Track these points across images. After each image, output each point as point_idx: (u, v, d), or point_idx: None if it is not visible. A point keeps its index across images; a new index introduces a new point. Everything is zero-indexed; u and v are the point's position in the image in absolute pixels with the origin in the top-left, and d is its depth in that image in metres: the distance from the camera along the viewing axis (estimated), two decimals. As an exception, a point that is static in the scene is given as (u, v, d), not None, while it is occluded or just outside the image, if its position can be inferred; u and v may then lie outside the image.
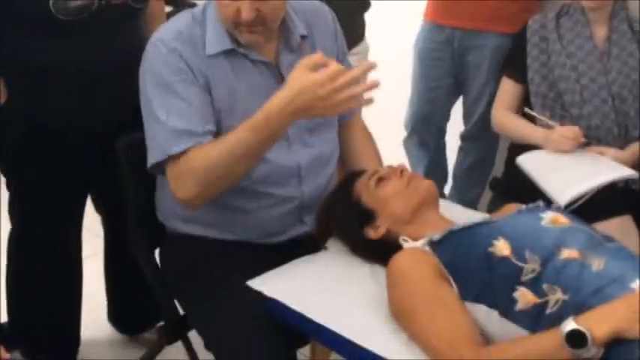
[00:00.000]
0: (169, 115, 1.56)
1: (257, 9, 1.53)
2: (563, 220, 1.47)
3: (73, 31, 1.77)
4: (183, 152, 1.54)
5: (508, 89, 2.31)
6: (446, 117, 2.79)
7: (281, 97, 1.46)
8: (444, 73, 2.64)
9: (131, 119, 1.73)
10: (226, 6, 1.54)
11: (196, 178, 1.54)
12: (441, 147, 2.89)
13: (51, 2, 1.70)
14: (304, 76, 1.43)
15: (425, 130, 2.79)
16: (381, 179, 1.64)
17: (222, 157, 1.52)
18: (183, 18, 1.66)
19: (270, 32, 1.62)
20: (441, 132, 2.83)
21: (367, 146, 1.88)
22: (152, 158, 1.60)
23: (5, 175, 1.98)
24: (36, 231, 2.01)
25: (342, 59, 1.83)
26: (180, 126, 1.55)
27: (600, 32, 2.20)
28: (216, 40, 1.61)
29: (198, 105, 1.58)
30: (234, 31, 1.59)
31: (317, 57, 1.45)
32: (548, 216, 1.48)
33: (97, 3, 1.76)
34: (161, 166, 1.60)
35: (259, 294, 1.54)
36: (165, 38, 1.61)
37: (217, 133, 1.60)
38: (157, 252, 1.84)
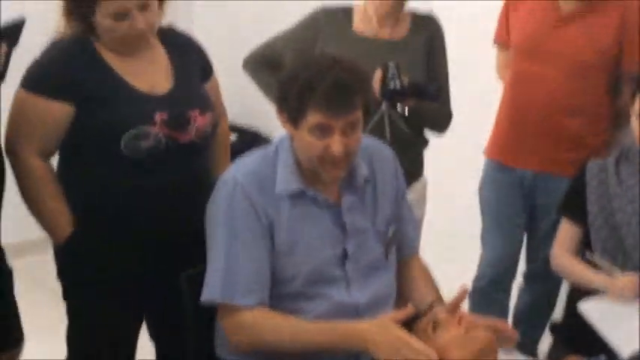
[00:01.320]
0: (233, 261, 1.63)
1: (345, 144, 1.60)
2: (628, 378, 1.42)
3: (141, 168, 1.84)
4: (248, 306, 1.63)
5: (568, 231, 2.29)
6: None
7: (364, 325, 1.58)
8: (519, 213, 2.60)
9: (192, 253, 1.78)
10: (314, 144, 1.61)
11: (258, 340, 1.65)
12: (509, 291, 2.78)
13: (123, 143, 1.80)
14: (392, 325, 1.54)
15: (503, 276, 2.68)
16: (439, 325, 1.62)
17: (286, 337, 1.63)
18: (255, 157, 1.74)
19: (348, 167, 1.68)
20: (515, 274, 2.75)
21: (427, 283, 1.88)
22: (210, 295, 1.66)
23: (66, 300, 2.02)
24: (91, 357, 2.02)
25: (401, 197, 1.87)
26: (244, 277, 1.63)
27: (662, 178, 2.19)
28: (286, 180, 1.68)
29: (260, 258, 1.65)
30: (318, 168, 1.65)
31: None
32: (613, 373, 1.44)
33: (164, 143, 1.84)
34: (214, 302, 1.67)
35: None
36: (238, 177, 1.68)
37: (273, 275, 1.67)
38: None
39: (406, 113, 2.32)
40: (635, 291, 2.03)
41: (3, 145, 1.81)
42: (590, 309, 2.05)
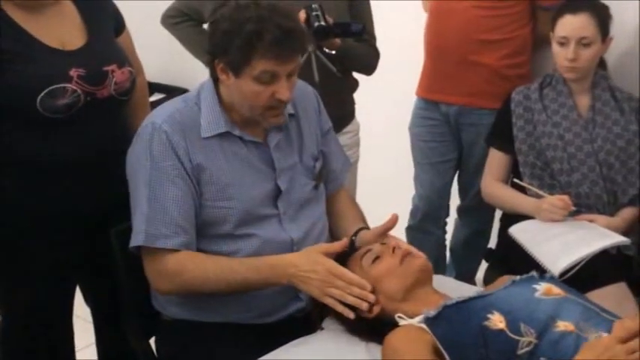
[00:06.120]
0: (154, 204, 1.61)
1: (289, 88, 1.61)
2: (557, 290, 1.47)
3: (59, 125, 1.79)
4: (172, 250, 1.61)
5: (496, 160, 2.34)
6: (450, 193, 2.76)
7: (291, 258, 1.59)
8: (449, 149, 2.63)
9: (119, 207, 1.75)
10: (261, 92, 1.60)
11: (182, 283, 1.63)
12: (444, 226, 2.84)
13: (38, 101, 1.74)
14: (322, 257, 1.55)
15: (435, 210, 2.73)
16: (374, 257, 1.65)
17: (210, 276, 1.61)
18: (175, 102, 1.72)
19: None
20: (448, 210, 2.80)
21: (354, 215, 1.90)
22: (135, 242, 1.64)
23: None
24: (25, 322, 1.98)
25: (326, 132, 1.89)
26: (166, 220, 1.61)
27: (583, 101, 2.25)
28: (211, 124, 1.67)
29: (183, 200, 1.63)
30: (259, 116, 1.65)
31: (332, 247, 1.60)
32: (541, 287, 1.48)
33: (83, 99, 1.80)
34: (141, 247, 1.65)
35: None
36: (157, 122, 1.66)
37: (202, 217, 1.65)
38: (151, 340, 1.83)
39: (333, 53, 2.32)
40: (563, 210, 2.10)
41: None
42: (520, 231, 2.12)
